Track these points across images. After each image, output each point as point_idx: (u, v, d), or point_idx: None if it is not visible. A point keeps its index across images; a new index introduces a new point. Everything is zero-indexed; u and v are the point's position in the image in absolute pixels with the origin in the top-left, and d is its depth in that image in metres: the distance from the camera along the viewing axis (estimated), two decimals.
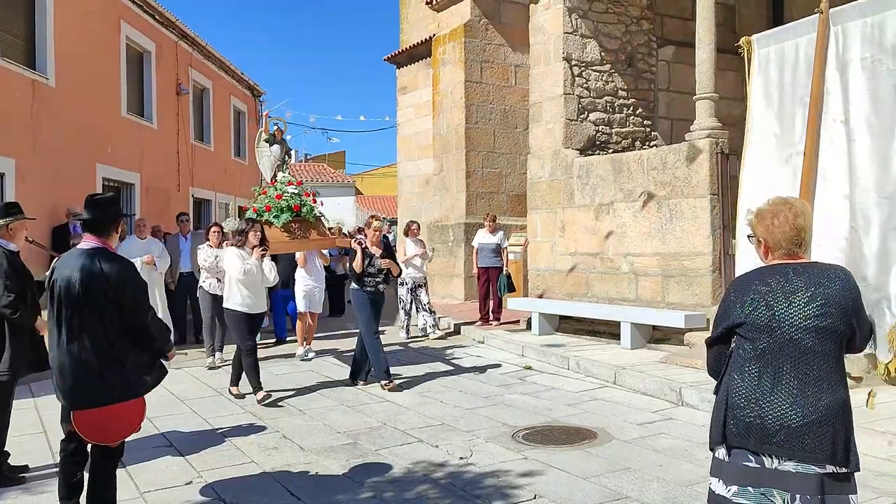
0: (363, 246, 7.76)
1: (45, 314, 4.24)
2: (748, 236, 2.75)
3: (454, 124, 14.13)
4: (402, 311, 11.09)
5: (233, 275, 7.20)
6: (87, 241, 3.96)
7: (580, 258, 10.38)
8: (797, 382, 2.38)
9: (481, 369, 8.56)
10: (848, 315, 2.42)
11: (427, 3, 15.33)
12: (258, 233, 7.41)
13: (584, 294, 10.34)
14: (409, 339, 10.86)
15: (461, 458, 5.24)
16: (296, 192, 8.53)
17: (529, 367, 8.60)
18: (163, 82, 15.08)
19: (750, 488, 2.41)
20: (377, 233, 7.88)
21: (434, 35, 15.09)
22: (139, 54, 14.35)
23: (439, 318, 11.49)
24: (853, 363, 5.89)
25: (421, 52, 16.52)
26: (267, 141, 8.98)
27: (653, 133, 11.74)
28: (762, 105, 3.82)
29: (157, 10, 14.51)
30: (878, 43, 3.34)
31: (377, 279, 7.76)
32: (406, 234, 11.15)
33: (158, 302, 9.27)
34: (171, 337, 4.29)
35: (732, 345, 2.57)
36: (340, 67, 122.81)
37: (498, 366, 8.75)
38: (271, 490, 4.65)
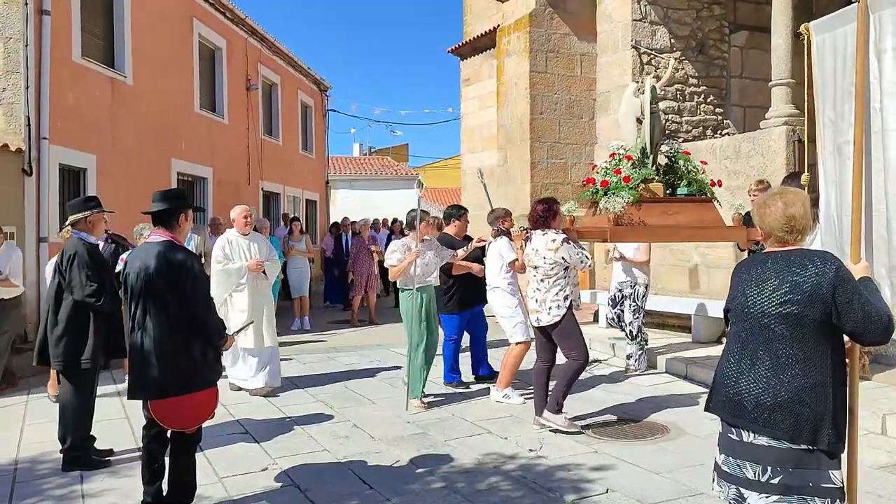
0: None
1: None
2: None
3: (518, 115, 14.02)
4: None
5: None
6: (156, 235, 4.13)
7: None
8: (770, 365, 2.57)
9: None
10: (822, 301, 2.49)
11: None
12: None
13: (653, 286, 10.13)
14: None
15: (531, 450, 5.22)
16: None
17: (598, 361, 8.50)
18: (233, 78, 15.45)
19: (731, 458, 2.65)
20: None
21: (498, 26, 14.98)
22: (211, 51, 14.73)
23: (644, 343, 8.00)
24: None
25: (484, 43, 16.43)
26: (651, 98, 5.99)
27: (725, 121, 11.41)
28: (821, 94, 3.75)
29: (227, 7, 14.86)
30: None
31: None
32: None
33: (265, 319, 7.00)
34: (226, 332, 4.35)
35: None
36: (404, 58, 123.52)
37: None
38: (344, 478, 4.72)
